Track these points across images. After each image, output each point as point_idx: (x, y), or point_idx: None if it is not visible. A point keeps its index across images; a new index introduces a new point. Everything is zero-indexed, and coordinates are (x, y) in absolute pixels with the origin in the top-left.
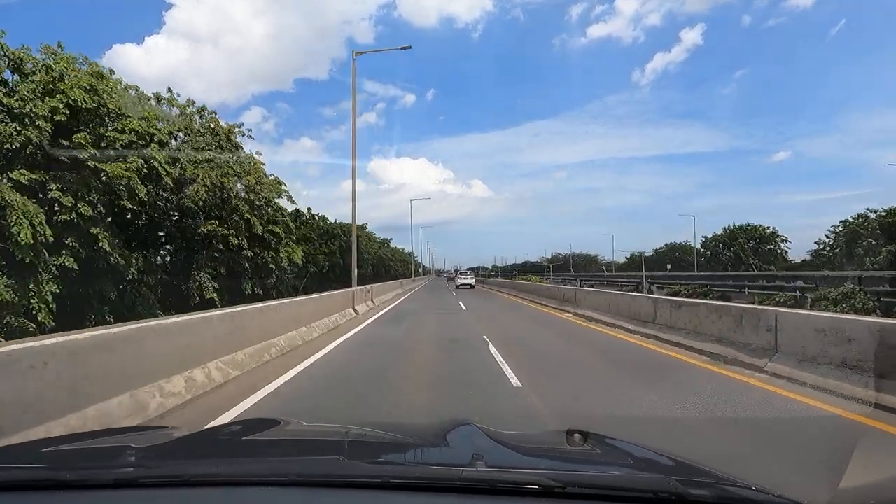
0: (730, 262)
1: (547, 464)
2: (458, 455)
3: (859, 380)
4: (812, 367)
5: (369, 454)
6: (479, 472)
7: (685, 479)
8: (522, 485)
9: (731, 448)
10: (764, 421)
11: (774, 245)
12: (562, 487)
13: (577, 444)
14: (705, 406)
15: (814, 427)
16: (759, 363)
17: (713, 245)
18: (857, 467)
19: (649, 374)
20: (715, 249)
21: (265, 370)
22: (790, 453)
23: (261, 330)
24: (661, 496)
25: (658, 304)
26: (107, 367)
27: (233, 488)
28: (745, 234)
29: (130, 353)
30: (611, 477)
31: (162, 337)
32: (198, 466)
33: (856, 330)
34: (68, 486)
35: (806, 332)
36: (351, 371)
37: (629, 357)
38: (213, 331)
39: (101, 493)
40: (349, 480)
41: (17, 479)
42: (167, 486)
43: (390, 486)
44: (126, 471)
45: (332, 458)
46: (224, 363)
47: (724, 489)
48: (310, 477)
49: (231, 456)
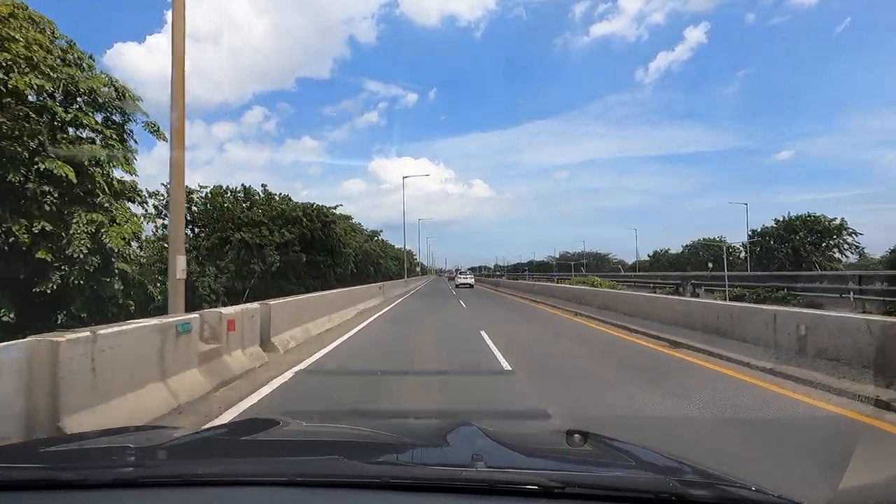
0: (787, 260)
1: (547, 464)
2: (458, 455)
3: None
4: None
5: (369, 454)
6: (479, 472)
7: (685, 479)
8: (522, 485)
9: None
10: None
11: (839, 239)
12: (562, 488)
13: (577, 444)
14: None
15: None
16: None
17: (762, 240)
18: (858, 467)
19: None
20: (765, 245)
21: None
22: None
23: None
24: (661, 496)
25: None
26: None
27: (232, 488)
28: (805, 225)
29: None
30: (611, 477)
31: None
32: (197, 466)
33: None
34: (68, 485)
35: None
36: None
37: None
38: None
39: (101, 493)
40: (349, 480)
41: (16, 479)
42: (167, 486)
43: (390, 486)
44: (126, 471)
45: (331, 458)
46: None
47: (725, 490)
48: (309, 477)
49: (230, 456)
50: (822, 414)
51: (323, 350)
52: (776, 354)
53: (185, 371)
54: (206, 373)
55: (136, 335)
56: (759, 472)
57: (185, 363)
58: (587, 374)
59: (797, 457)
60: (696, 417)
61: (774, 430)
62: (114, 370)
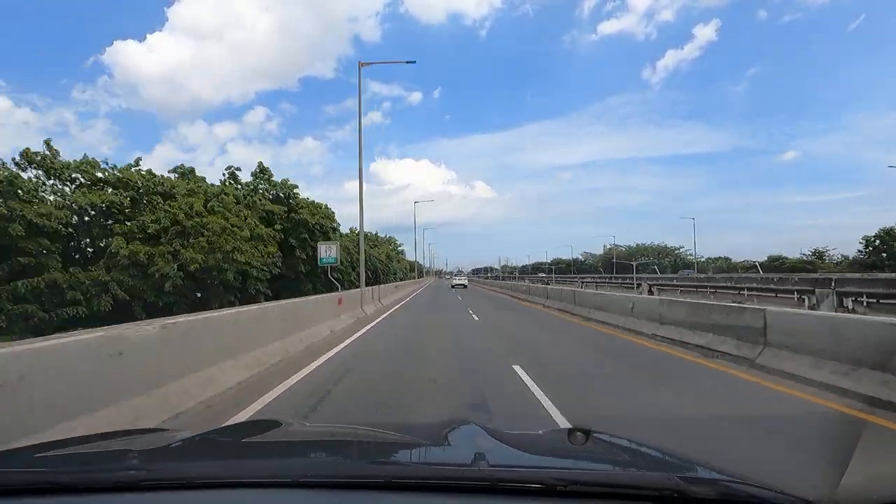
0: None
1: (549, 462)
2: (460, 454)
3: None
4: None
5: (370, 454)
6: (482, 471)
7: (688, 476)
8: (525, 483)
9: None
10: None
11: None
12: (564, 486)
13: (580, 442)
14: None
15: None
16: None
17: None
18: (860, 462)
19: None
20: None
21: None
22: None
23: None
24: (664, 494)
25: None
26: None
27: (234, 490)
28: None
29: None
30: (614, 475)
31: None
32: (199, 468)
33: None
34: (68, 489)
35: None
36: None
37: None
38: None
39: (102, 497)
40: (351, 481)
41: (16, 483)
42: (168, 488)
43: (392, 486)
44: (127, 473)
45: (333, 458)
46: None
47: (727, 486)
48: (311, 478)
49: (232, 457)
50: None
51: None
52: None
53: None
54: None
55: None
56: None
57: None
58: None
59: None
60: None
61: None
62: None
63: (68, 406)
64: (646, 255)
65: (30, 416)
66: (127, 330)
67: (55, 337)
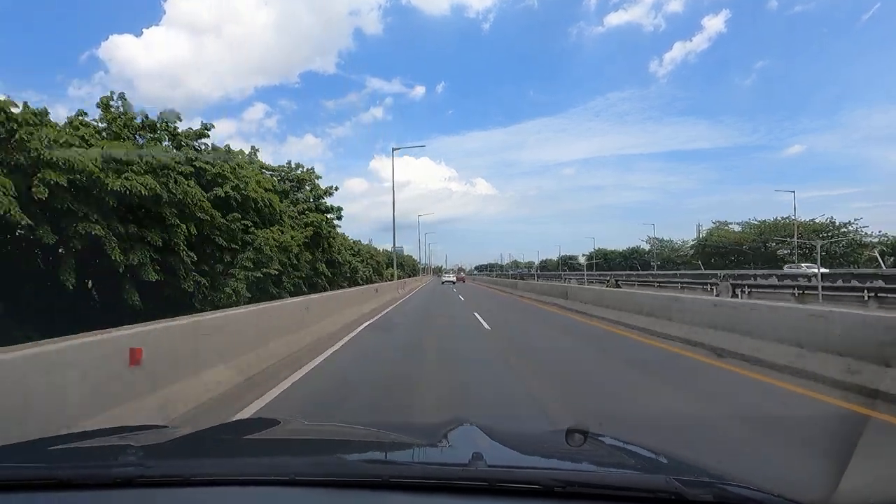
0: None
1: (547, 463)
2: (458, 454)
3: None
4: None
5: (369, 453)
6: (479, 471)
7: (685, 478)
8: (523, 484)
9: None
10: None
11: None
12: (562, 487)
13: (577, 443)
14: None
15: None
16: None
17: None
18: (859, 463)
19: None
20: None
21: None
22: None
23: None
24: (660, 496)
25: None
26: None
27: (232, 487)
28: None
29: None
30: (611, 476)
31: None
32: (197, 466)
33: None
34: (67, 485)
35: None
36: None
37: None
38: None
39: (100, 493)
40: (349, 480)
41: (15, 478)
42: (166, 485)
43: (390, 485)
44: (125, 470)
45: (331, 457)
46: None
47: (724, 488)
48: (310, 476)
49: (231, 455)
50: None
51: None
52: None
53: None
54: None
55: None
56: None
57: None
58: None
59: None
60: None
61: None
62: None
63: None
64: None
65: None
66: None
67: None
